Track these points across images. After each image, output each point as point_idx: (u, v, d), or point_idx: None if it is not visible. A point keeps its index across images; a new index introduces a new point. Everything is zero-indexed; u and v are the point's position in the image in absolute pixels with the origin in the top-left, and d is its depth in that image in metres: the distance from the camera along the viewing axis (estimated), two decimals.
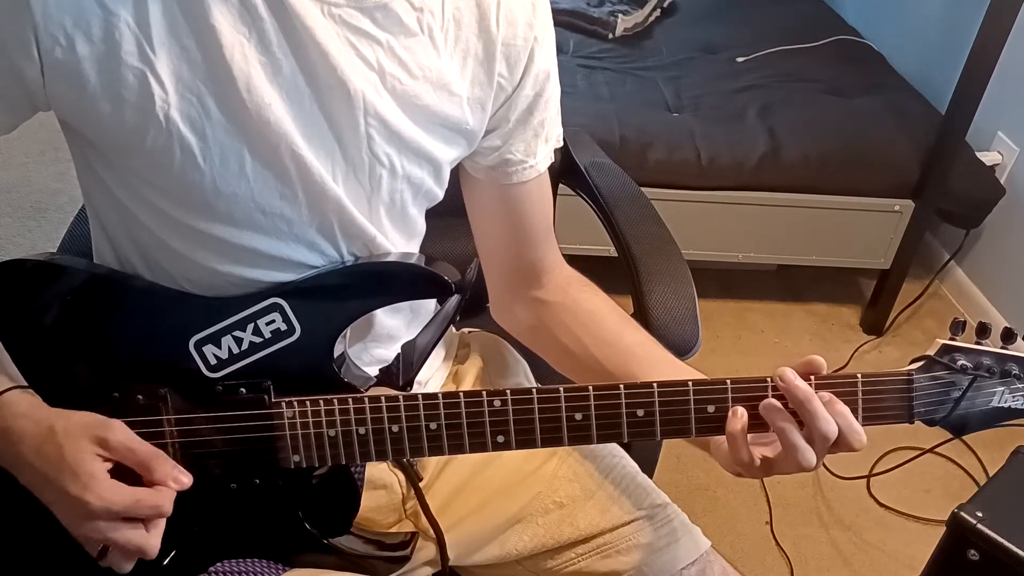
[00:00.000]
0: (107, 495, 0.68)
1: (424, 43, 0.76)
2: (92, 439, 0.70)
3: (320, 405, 0.77)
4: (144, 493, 0.70)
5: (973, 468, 1.97)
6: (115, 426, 0.71)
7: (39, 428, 0.70)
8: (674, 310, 1.12)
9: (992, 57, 1.93)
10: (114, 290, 0.79)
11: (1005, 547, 0.97)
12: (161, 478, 0.71)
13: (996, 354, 0.77)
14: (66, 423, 0.70)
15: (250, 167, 0.73)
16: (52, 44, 0.66)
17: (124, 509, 0.69)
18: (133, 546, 0.70)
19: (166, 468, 0.71)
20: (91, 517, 0.69)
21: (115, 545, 0.70)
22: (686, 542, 0.95)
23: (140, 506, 0.69)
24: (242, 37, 0.69)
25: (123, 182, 0.76)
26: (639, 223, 1.27)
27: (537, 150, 0.88)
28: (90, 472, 0.68)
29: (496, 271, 0.97)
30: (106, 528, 0.69)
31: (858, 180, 2.15)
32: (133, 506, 0.69)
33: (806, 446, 0.73)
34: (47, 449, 0.69)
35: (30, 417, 0.71)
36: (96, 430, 0.70)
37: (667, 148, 2.13)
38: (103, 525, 0.69)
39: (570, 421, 0.76)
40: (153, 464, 0.71)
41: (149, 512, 0.70)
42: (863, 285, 2.47)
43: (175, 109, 0.69)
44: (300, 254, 0.79)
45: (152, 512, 0.70)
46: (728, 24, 2.81)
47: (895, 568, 1.77)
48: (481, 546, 0.95)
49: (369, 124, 0.75)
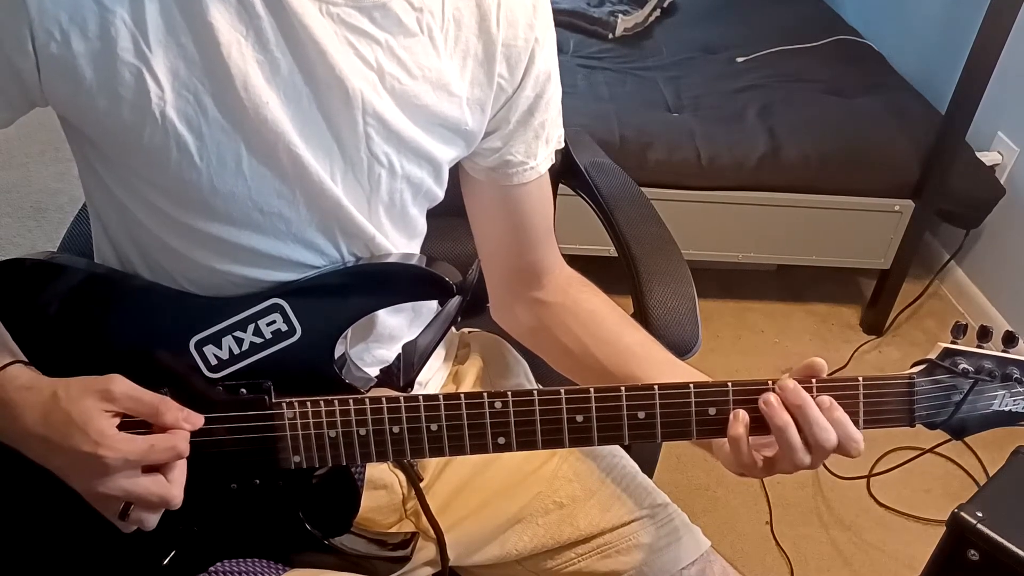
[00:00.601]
0: (121, 446, 0.68)
1: (424, 43, 0.76)
2: (96, 395, 0.69)
3: (321, 406, 0.76)
4: (158, 437, 0.70)
5: (973, 468, 1.97)
6: (116, 379, 0.71)
7: (42, 396, 0.70)
8: (674, 310, 1.12)
9: (992, 57, 1.93)
10: (114, 290, 0.79)
11: (1005, 547, 0.97)
12: (172, 421, 0.71)
13: (997, 358, 0.77)
14: (67, 387, 0.70)
15: (247, 166, 0.73)
16: (47, 39, 0.66)
17: (140, 457, 0.69)
18: (155, 496, 0.70)
19: (174, 411, 0.71)
20: (108, 472, 0.68)
21: (137, 499, 0.70)
22: (686, 542, 0.95)
23: (155, 450, 0.69)
24: (239, 35, 0.69)
25: (122, 180, 0.76)
26: (639, 223, 1.27)
27: (538, 151, 0.88)
28: (99, 428, 0.68)
29: (496, 272, 0.97)
30: (125, 482, 0.69)
31: (858, 180, 2.15)
32: (148, 451, 0.69)
33: (802, 447, 0.73)
34: (53, 416, 0.69)
35: (32, 388, 0.71)
36: (98, 385, 0.70)
37: (667, 148, 2.13)
38: (121, 479, 0.69)
39: (571, 423, 0.76)
40: (161, 408, 0.71)
41: (166, 455, 0.70)
42: (863, 285, 2.47)
43: (171, 107, 0.69)
44: (299, 254, 0.79)
45: (169, 454, 0.70)
46: (728, 24, 2.81)
47: (895, 568, 1.77)
48: (481, 546, 0.95)
49: (368, 123, 0.75)
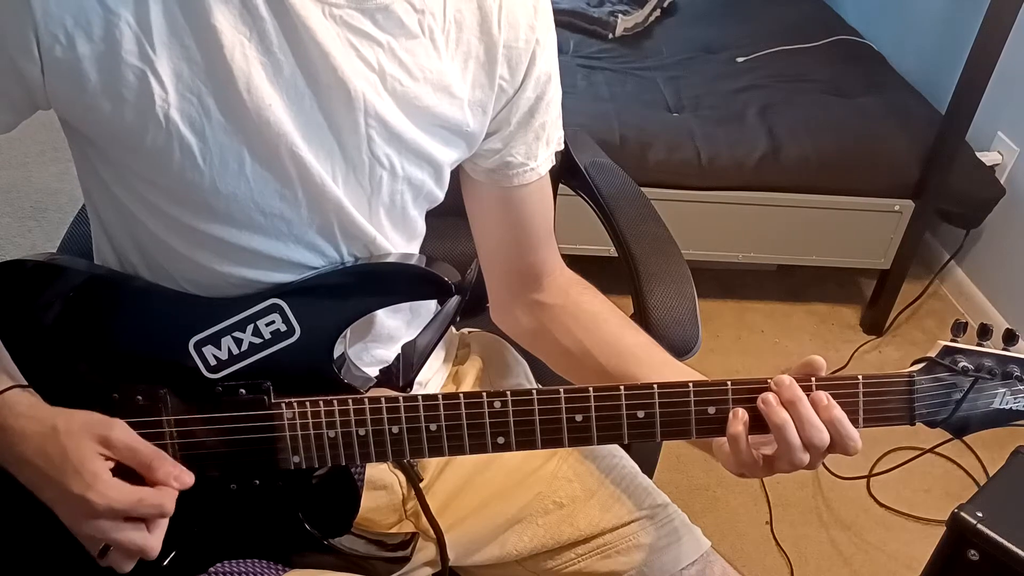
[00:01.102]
0: (110, 494, 0.68)
1: (425, 45, 0.76)
2: (95, 438, 0.70)
3: (320, 406, 0.76)
4: (147, 492, 0.70)
5: (973, 468, 1.97)
6: (117, 425, 0.71)
7: (41, 427, 0.70)
8: (674, 310, 1.12)
9: (992, 57, 1.93)
10: (114, 290, 0.79)
11: (1005, 547, 0.97)
12: (163, 478, 0.71)
13: (997, 356, 0.77)
14: (68, 422, 0.70)
15: (250, 167, 0.73)
16: (52, 43, 0.66)
17: (127, 508, 0.69)
18: (135, 546, 0.70)
19: (168, 468, 0.72)
20: (94, 516, 0.69)
21: (117, 544, 0.70)
22: (686, 542, 0.94)
23: (142, 505, 0.70)
24: (243, 37, 0.69)
25: (123, 181, 0.76)
26: (639, 223, 1.27)
27: (538, 153, 0.87)
28: (93, 471, 0.68)
29: (496, 274, 0.97)
30: (108, 527, 0.69)
31: (858, 180, 2.15)
32: (135, 505, 0.69)
33: (800, 446, 0.73)
34: (50, 448, 0.69)
35: (31, 416, 0.71)
36: (98, 429, 0.70)
37: (667, 148, 2.13)
38: (105, 524, 0.69)
39: (570, 422, 0.76)
40: (155, 464, 0.71)
41: (151, 511, 0.70)
42: (863, 285, 2.47)
43: (175, 109, 0.69)
44: (300, 255, 0.79)
45: (154, 511, 0.70)
46: (728, 24, 2.81)
47: (895, 568, 1.77)
48: (481, 546, 0.95)
49: (369, 125, 0.75)
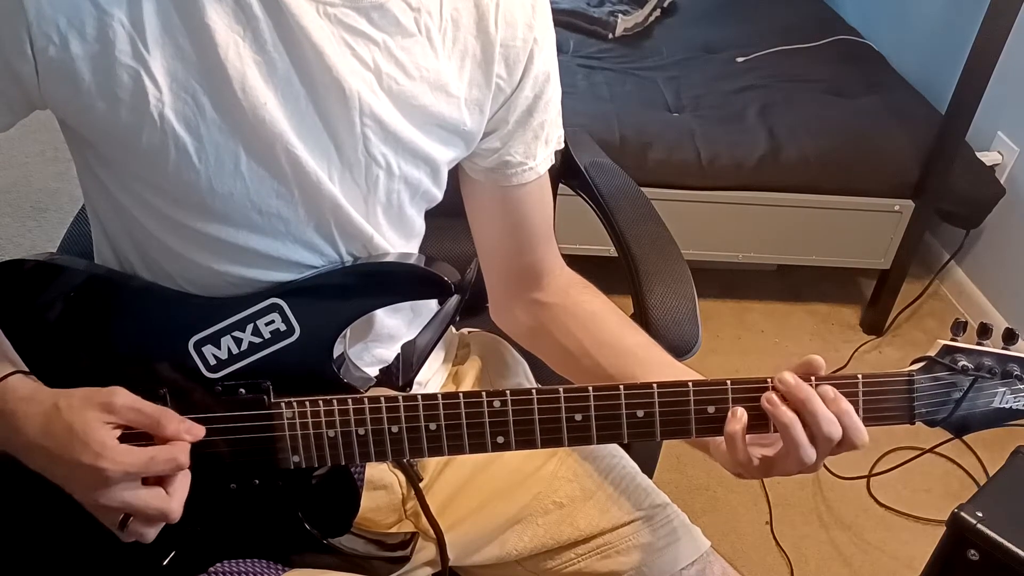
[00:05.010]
0: (122, 458, 0.68)
1: (422, 43, 0.76)
2: (97, 407, 0.69)
3: (320, 406, 0.76)
4: (158, 449, 0.70)
5: (973, 468, 1.97)
6: (117, 391, 0.71)
7: (43, 408, 0.70)
8: (674, 310, 1.12)
9: (992, 57, 1.93)
10: (114, 290, 0.79)
11: (1005, 547, 0.97)
12: (173, 433, 0.71)
13: (997, 355, 0.77)
14: (68, 398, 0.70)
15: (245, 166, 0.73)
16: (46, 43, 0.66)
17: (141, 468, 0.69)
18: (154, 509, 0.70)
19: (175, 423, 0.72)
20: (108, 484, 0.68)
21: (136, 511, 0.70)
22: (686, 542, 0.94)
23: (156, 462, 0.69)
24: (237, 36, 0.69)
25: (121, 181, 0.76)
26: (639, 223, 1.27)
27: (537, 152, 0.87)
28: (100, 440, 0.68)
29: (495, 273, 0.97)
30: (126, 494, 0.69)
31: (858, 180, 2.15)
32: (148, 463, 0.69)
33: (808, 444, 0.73)
34: (55, 426, 0.69)
35: (33, 399, 0.71)
36: (100, 397, 0.70)
37: (667, 148, 2.13)
38: (122, 491, 0.69)
39: (570, 422, 0.76)
40: (162, 420, 0.71)
41: (166, 467, 0.70)
42: (863, 285, 2.47)
43: (169, 108, 0.69)
44: (298, 254, 0.79)
45: (169, 466, 0.70)
46: (728, 24, 2.81)
47: (895, 568, 1.77)
48: (481, 546, 0.95)
49: (365, 124, 0.75)
